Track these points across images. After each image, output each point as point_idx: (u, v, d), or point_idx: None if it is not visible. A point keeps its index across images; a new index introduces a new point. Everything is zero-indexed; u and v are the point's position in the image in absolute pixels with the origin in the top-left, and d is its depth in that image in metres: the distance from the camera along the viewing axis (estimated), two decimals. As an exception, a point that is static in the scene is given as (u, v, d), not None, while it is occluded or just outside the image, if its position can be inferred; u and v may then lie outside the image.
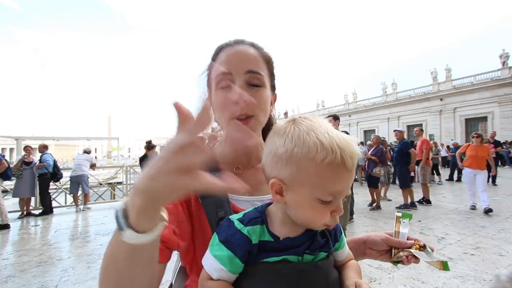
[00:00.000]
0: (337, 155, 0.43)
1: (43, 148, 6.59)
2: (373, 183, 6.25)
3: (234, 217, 0.52)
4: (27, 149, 6.44)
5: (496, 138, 23.41)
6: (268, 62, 0.67)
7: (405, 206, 6.04)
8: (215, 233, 0.52)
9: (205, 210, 0.58)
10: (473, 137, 5.93)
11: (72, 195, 7.00)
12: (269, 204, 0.55)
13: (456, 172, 10.91)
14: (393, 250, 0.65)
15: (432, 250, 0.62)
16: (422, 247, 0.62)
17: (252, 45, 0.66)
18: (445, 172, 11.65)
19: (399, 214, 0.70)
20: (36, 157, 6.65)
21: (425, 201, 6.35)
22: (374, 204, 6.15)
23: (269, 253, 0.49)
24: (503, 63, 22.17)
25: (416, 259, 0.62)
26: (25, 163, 6.26)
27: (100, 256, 3.69)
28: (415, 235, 0.69)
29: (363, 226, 4.78)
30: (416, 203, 6.15)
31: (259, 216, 0.51)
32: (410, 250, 0.62)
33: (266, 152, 0.51)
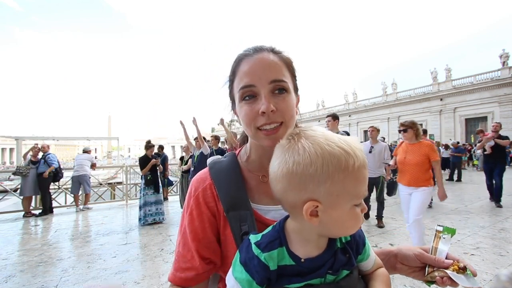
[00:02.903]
0: (359, 157, 0.44)
1: (47, 148, 6.64)
2: None
3: (253, 239, 0.50)
4: (35, 148, 6.49)
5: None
6: (289, 65, 0.65)
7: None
8: (238, 251, 0.52)
9: (230, 224, 0.59)
10: (400, 131, 3.58)
11: (73, 195, 7.01)
12: (287, 218, 0.53)
13: (456, 172, 10.94)
14: (427, 268, 0.58)
15: (475, 275, 0.53)
16: (462, 269, 0.54)
17: (272, 50, 0.64)
18: (444, 172, 11.65)
19: (440, 228, 0.61)
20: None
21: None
22: None
23: (290, 278, 0.47)
24: (503, 63, 22.14)
25: (453, 283, 0.54)
26: (32, 162, 6.33)
27: (100, 256, 3.69)
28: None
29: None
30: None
31: (277, 238, 0.49)
32: (447, 271, 0.54)
33: (283, 174, 0.46)
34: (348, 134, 5.41)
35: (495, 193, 6.15)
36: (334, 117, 4.40)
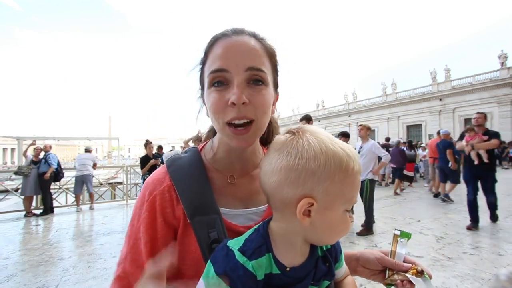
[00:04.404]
0: (357, 162, 0.44)
1: (48, 148, 6.68)
2: None
3: (234, 246, 0.45)
4: (37, 149, 6.54)
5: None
6: (272, 56, 0.57)
7: (445, 196, 6.50)
8: (209, 261, 0.45)
9: (194, 231, 0.51)
10: None
11: (75, 194, 7.02)
12: (269, 220, 0.49)
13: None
14: (387, 272, 0.60)
15: (431, 278, 0.56)
16: (420, 273, 0.56)
17: (254, 35, 0.55)
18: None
19: (397, 233, 0.63)
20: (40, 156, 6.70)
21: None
22: None
23: None
24: (502, 63, 22.19)
25: (412, 285, 0.55)
26: (33, 162, 6.36)
27: (100, 256, 3.71)
28: (415, 236, 0.65)
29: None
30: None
31: (264, 243, 0.45)
32: (406, 274, 0.57)
33: (282, 166, 0.43)
34: (348, 134, 5.38)
35: (490, 210, 4.65)
36: (308, 119, 4.20)
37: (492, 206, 4.61)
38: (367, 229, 4.39)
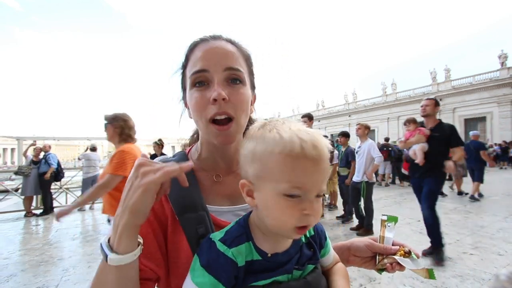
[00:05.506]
0: (296, 144, 0.41)
1: (48, 148, 6.68)
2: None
3: (216, 237, 0.47)
4: (37, 149, 6.55)
5: (495, 138, 22.44)
6: (248, 59, 0.62)
7: (472, 197, 6.68)
8: (195, 255, 0.48)
9: (183, 228, 0.53)
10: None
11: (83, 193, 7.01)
12: (250, 213, 0.52)
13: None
14: (377, 257, 0.61)
15: (418, 257, 0.58)
16: (407, 253, 0.58)
17: (230, 41, 0.61)
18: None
19: (384, 218, 0.65)
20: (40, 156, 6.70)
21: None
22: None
23: (257, 274, 0.45)
24: (502, 63, 22.21)
25: (401, 267, 0.57)
26: (33, 162, 6.36)
27: (100, 256, 3.69)
28: (415, 235, 0.65)
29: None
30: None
31: (243, 232, 0.48)
32: (395, 257, 0.58)
33: (240, 157, 0.50)
34: (348, 134, 5.38)
35: (427, 230, 3.30)
36: (310, 118, 4.37)
37: (428, 225, 3.27)
38: (367, 230, 4.41)
